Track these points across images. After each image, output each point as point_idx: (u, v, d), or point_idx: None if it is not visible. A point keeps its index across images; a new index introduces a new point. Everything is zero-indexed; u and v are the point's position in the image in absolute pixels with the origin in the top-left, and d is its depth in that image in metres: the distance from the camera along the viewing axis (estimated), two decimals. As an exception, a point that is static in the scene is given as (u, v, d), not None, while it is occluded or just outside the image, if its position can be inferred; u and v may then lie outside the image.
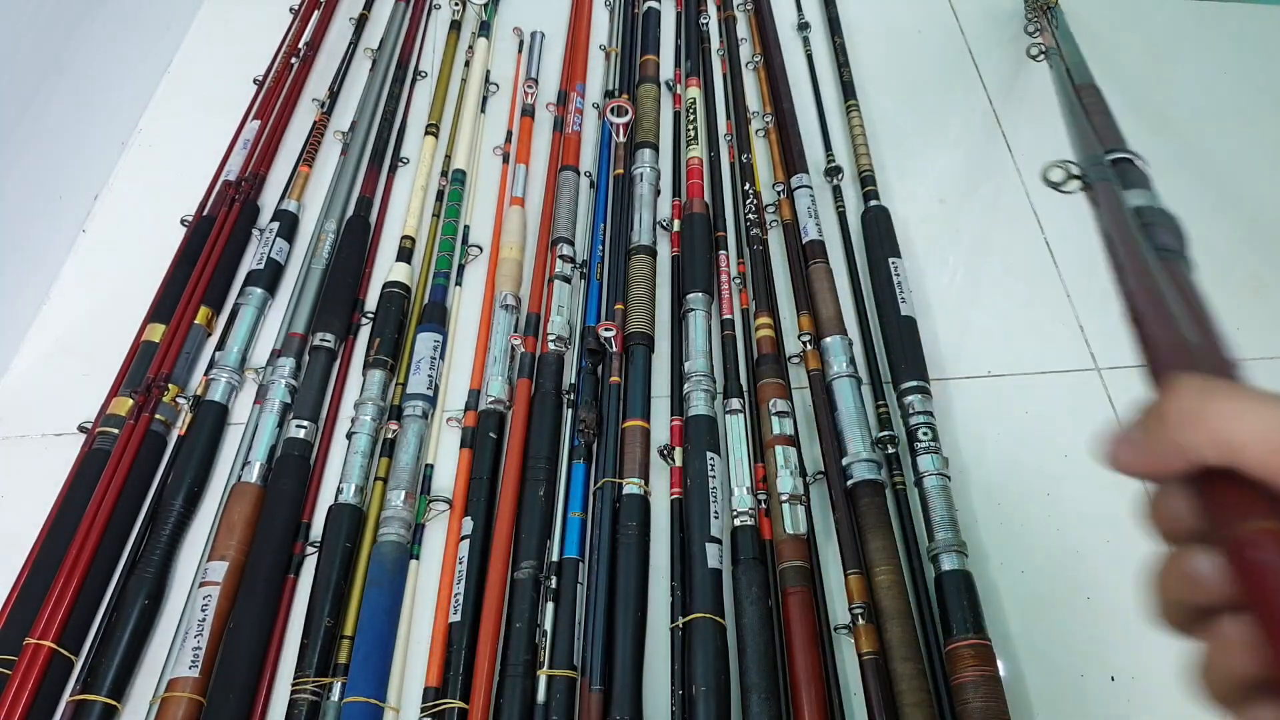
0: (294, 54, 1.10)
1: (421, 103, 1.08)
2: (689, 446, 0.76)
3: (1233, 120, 1.12)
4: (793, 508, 0.71)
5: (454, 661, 0.65)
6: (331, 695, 0.64)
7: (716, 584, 0.68)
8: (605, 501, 0.73)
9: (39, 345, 0.86)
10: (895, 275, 0.89)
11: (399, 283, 0.87)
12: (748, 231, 0.93)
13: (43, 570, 0.67)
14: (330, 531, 0.71)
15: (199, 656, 0.63)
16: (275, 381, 0.80)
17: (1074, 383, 0.87)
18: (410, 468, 0.75)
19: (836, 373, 0.81)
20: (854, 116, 1.05)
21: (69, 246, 0.93)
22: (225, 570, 0.68)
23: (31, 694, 0.62)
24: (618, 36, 1.15)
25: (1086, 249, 0.97)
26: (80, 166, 0.96)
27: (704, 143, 1.02)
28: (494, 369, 0.81)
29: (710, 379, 0.80)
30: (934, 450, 0.76)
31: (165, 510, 0.72)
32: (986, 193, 1.02)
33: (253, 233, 0.94)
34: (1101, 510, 0.78)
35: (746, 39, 1.15)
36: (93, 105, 0.97)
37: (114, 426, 0.76)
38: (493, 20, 1.16)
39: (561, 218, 0.92)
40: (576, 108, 1.05)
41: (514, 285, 0.87)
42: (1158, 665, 0.69)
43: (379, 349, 0.82)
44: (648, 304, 0.86)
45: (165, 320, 0.84)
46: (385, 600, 0.68)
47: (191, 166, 0.99)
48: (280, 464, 0.75)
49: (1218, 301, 0.33)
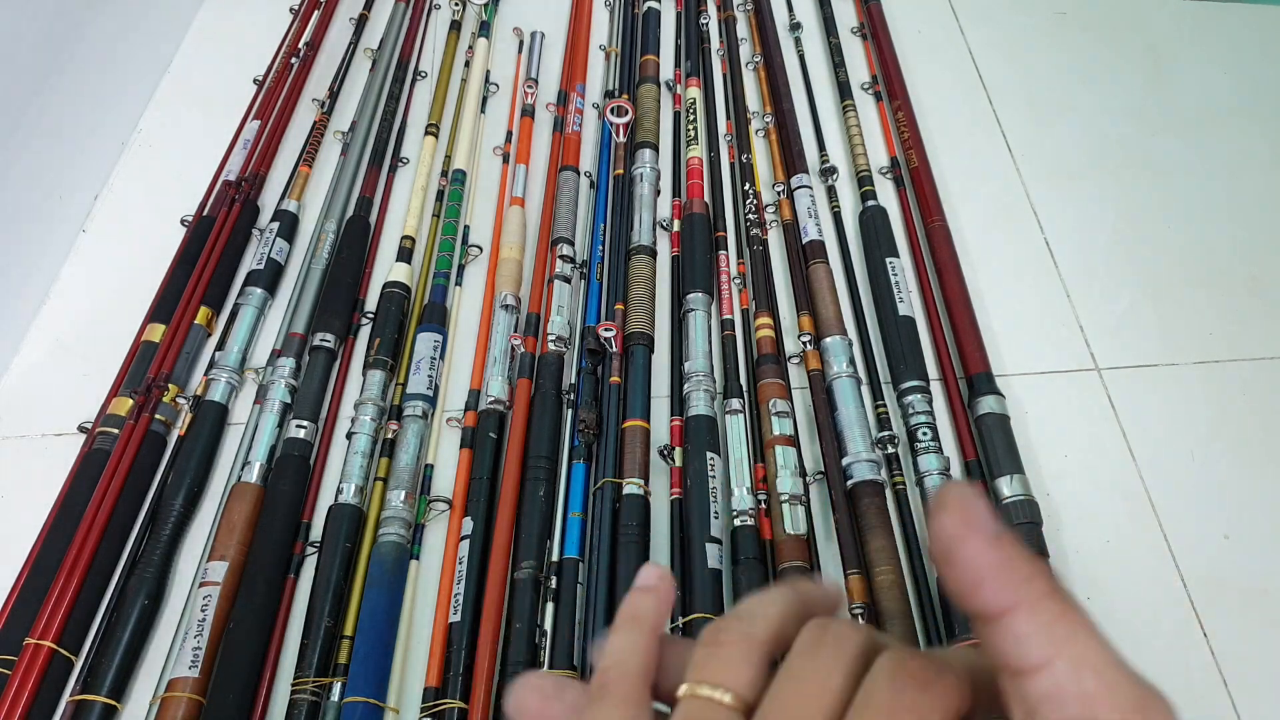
0: (294, 54, 1.10)
1: (421, 103, 1.08)
2: (689, 446, 0.76)
3: (1233, 120, 1.12)
4: (793, 508, 0.71)
5: (454, 661, 0.65)
6: (331, 695, 0.64)
7: (716, 584, 0.68)
8: (605, 501, 0.73)
9: (39, 345, 0.86)
10: (894, 275, 0.89)
11: (399, 283, 0.87)
12: (748, 231, 0.93)
13: (43, 570, 0.67)
14: (330, 531, 0.71)
15: (199, 656, 0.63)
16: (275, 381, 0.80)
17: (1074, 383, 0.87)
18: (410, 468, 0.75)
19: (836, 373, 0.81)
20: (850, 116, 1.05)
21: (69, 246, 0.93)
22: (225, 570, 0.68)
23: (31, 694, 0.62)
24: (618, 36, 1.15)
25: (1086, 249, 0.98)
26: (80, 166, 0.96)
27: (704, 143, 1.02)
28: (494, 369, 0.81)
29: (710, 379, 0.80)
30: (934, 450, 0.76)
31: (165, 510, 0.72)
32: (987, 193, 1.02)
33: (253, 233, 0.94)
34: (1101, 510, 0.79)
35: (746, 39, 1.15)
36: (93, 105, 0.97)
37: (114, 426, 0.76)
38: (493, 20, 1.16)
39: (561, 218, 0.92)
40: (576, 108, 1.05)
41: (514, 285, 0.87)
42: (1158, 665, 0.69)
43: (379, 349, 0.82)
44: (648, 304, 0.86)
45: (165, 320, 0.84)
46: (385, 600, 0.68)
47: (191, 166, 0.99)
48: (280, 464, 0.75)
49: (1218, 301, 0.33)
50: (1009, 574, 0.17)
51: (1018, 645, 0.17)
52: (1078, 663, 0.16)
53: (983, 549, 0.17)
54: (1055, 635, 0.17)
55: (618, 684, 0.21)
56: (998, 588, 0.17)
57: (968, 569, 0.17)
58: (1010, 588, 0.17)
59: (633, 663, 0.21)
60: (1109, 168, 1.06)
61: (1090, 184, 1.04)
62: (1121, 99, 1.14)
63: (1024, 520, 0.72)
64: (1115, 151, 1.08)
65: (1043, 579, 0.17)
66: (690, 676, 0.20)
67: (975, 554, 0.17)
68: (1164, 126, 1.11)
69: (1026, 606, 0.17)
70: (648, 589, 0.23)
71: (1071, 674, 0.16)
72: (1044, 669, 0.16)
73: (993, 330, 0.89)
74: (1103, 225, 1.00)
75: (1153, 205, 1.02)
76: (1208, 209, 1.02)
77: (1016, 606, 0.17)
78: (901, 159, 1.02)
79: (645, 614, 0.22)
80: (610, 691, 0.21)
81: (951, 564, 0.18)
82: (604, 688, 0.21)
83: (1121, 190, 1.04)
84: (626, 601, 0.23)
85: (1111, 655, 0.17)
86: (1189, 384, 0.87)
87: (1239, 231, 1.00)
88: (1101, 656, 0.16)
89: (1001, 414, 0.80)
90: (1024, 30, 1.21)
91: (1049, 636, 0.17)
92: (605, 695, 0.21)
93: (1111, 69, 1.18)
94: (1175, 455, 0.82)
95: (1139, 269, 0.96)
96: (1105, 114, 1.12)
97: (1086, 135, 1.09)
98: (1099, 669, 0.16)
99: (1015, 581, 0.17)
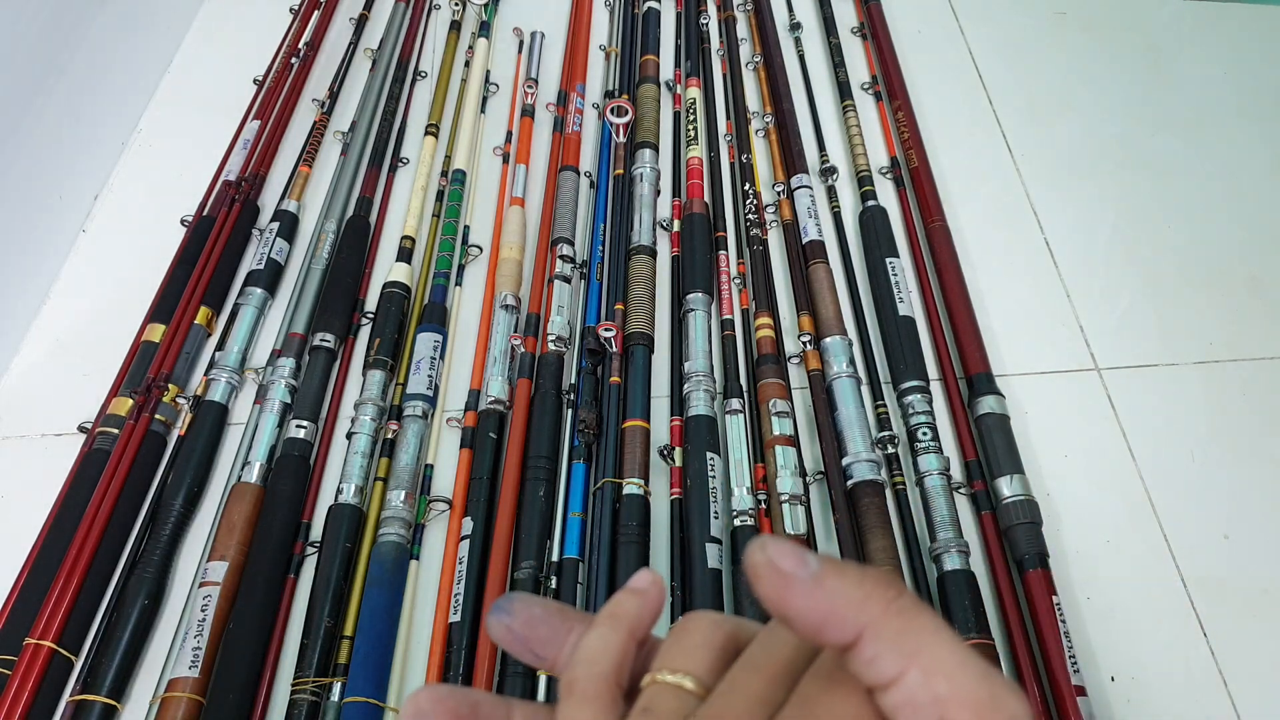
0: (294, 54, 1.10)
1: (421, 103, 1.08)
2: (689, 446, 0.76)
3: (1233, 120, 1.12)
4: (793, 508, 0.71)
5: (454, 661, 0.65)
6: (331, 695, 0.64)
7: (716, 584, 0.68)
8: (605, 501, 0.73)
9: (39, 345, 0.86)
10: (894, 275, 0.89)
11: (399, 283, 0.87)
12: (748, 231, 0.93)
13: (43, 570, 0.67)
14: (330, 531, 0.71)
15: (199, 656, 0.63)
16: (275, 381, 0.80)
17: (1074, 383, 0.87)
18: (410, 468, 0.75)
19: (836, 373, 0.81)
20: (850, 116, 1.05)
21: (69, 246, 0.93)
22: (225, 570, 0.68)
23: (31, 694, 0.62)
24: (618, 37, 1.15)
25: (1086, 249, 0.98)
26: (80, 166, 0.96)
27: (704, 143, 1.02)
28: (494, 369, 0.81)
29: (710, 379, 0.80)
30: (934, 450, 0.76)
31: (165, 510, 0.72)
32: (987, 193, 1.02)
33: (253, 233, 0.94)
34: (1101, 510, 0.79)
35: (746, 39, 1.15)
36: (93, 105, 0.97)
37: (114, 426, 0.76)
38: (493, 20, 1.16)
39: (561, 218, 0.92)
40: (576, 108, 1.05)
41: (514, 285, 0.87)
42: (1158, 665, 0.69)
43: (379, 349, 0.82)
44: (648, 304, 0.86)
45: (165, 320, 0.84)
46: (385, 600, 0.68)
47: (191, 166, 0.99)
48: (280, 464, 0.75)
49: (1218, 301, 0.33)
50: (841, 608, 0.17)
51: (870, 667, 0.17)
52: (928, 670, 0.17)
53: (805, 596, 0.18)
54: (903, 649, 0.17)
55: (585, 683, 0.21)
56: (836, 625, 0.17)
57: (802, 622, 0.18)
58: (847, 619, 0.17)
59: (604, 663, 0.21)
60: (1109, 168, 1.06)
61: (1090, 184, 1.04)
62: (1121, 99, 1.14)
63: (1024, 520, 0.72)
64: (1115, 151, 1.08)
65: (878, 598, 0.17)
66: (654, 665, 0.21)
67: (801, 605, 0.18)
68: (1164, 126, 1.11)
69: (870, 630, 0.17)
70: (635, 591, 0.23)
71: (923, 682, 0.17)
72: (898, 681, 0.17)
73: (993, 330, 0.89)
74: (1103, 225, 1.00)
75: (1153, 205, 1.02)
76: (1208, 209, 1.02)
77: (861, 632, 0.17)
78: (901, 159, 1.02)
79: (626, 614, 0.22)
80: (576, 691, 0.21)
81: (789, 622, 0.18)
82: (572, 685, 0.21)
83: (1121, 190, 1.04)
84: (612, 599, 0.23)
85: (961, 657, 0.17)
86: (1189, 384, 0.87)
87: (1239, 231, 1.00)
88: (951, 659, 0.17)
89: (1001, 414, 0.80)
90: (1024, 30, 1.21)
91: (898, 651, 0.17)
92: (572, 694, 0.21)
93: (1111, 69, 1.18)
94: (1175, 455, 0.82)
95: (1139, 269, 0.96)
96: (1105, 114, 1.12)
97: (1086, 135, 1.09)
98: (949, 672, 0.17)
99: (850, 612, 0.17)
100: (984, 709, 0.16)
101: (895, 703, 0.17)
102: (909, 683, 0.17)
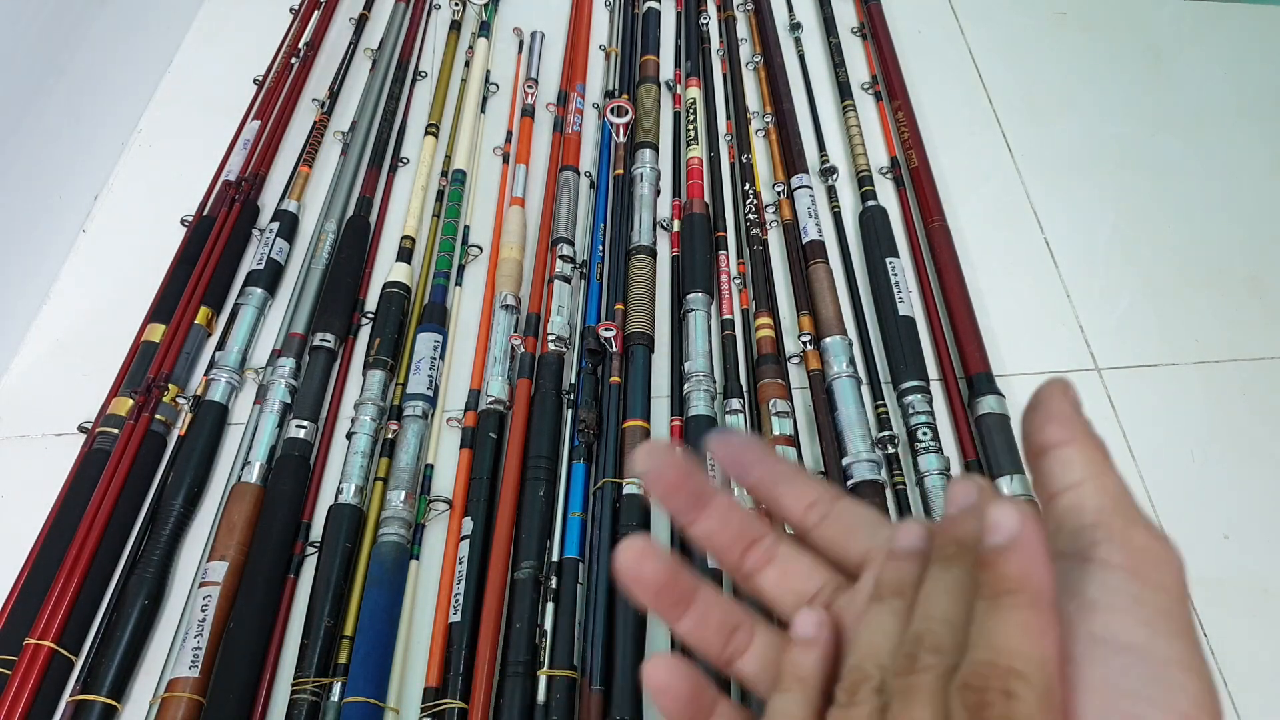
0: (294, 54, 1.10)
1: (421, 103, 1.08)
2: (689, 446, 0.76)
3: (1233, 120, 1.12)
4: (793, 508, 0.71)
5: (454, 661, 0.65)
6: (331, 695, 0.64)
7: (717, 584, 0.68)
8: (605, 501, 0.73)
9: (39, 345, 0.86)
10: (894, 275, 0.89)
11: (399, 283, 0.87)
12: (748, 231, 0.93)
13: (43, 570, 0.67)
14: (330, 531, 0.71)
15: (199, 656, 0.63)
16: (275, 381, 0.80)
17: (1074, 383, 0.87)
18: (410, 468, 0.75)
19: (836, 373, 0.81)
20: (850, 116, 1.05)
21: (69, 246, 0.93)
22: (225, 570, 0.68)
23: (31, 694, 0.62)
24: (618, 37, 1.15)
25: (1086, 249, 0.98)
26: (80, 166, 0.96)
27: (704, 143, 1.02)
28: (494, 369, 0.81)
29: (710, 379, 0.80)
30: (934, 450, 0.76)
31: (165, 510, 0.72)
32: (987, 193, 1.02)
33: (253, 233, 0.94)
34: (1101, 510, 0.79)
35: (746, 39, 1.15)
36: (93, 105, 0.97)
37: (114, 426, 0.76)
38: (493, 20, 1.16)
39: (561, 218, 0.92)
40: (576, 108, 1.05)
41: (514, 285, 0.87)
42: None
43: (379, 349, 0.82)
44: (648, 304, 0.86)
45: (165, 320, 0.84)
46: (385, 600, 0.68)
47: (191, 166, 0.99)
48: (280, 464, 0.75)
49: (1218, 301, 0.33)
50: (1073, 422, 0.22)
51: (1064, 467, 0.22)
52: (1100, 489, 0.21)
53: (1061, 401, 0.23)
54: (1091, 466, 0.22)
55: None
56: (1062, 426, 0.22)
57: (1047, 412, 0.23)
58: (1069, 430, 0.22)
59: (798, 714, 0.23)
60: (1109, 168, 1.06)
61: (1090, 184, 1.04)
62: (1121, 99, 1.14)
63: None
64: (1115, 151, 1.08)
65: (1095, 435, 0.22)
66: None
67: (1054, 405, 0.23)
68: (1164, 126, 1.11)
69: (1079, 442, 0.22)
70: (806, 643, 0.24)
71: (1095, 493, 0.21)
72: (1077, 487, 0.21)
73: (993, 330, 0.89)
74: (1103, 225, 1.00)
75: (1152, 205, 1.02)
76: (1208, 209, 1.02)
77: (1071, 440, 0.22)
78: (901, 159, 1.02)
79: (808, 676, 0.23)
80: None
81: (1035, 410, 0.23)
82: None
83: (1121, 190, 1.04)
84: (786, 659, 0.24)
85: (1125, 491, 0.21)
86: (1189, 384, 0.87)
87: (1239, 231, 1.00)
88: (1119, 488, 0.21)
89: (1002, 414, 0.80)
90: (1024, 30, 1.21)
91: (1087, 465, 0.22)
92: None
93: (1111, 69, 1.18)
94: (1175, 455, 0.82)
95: (1139, 269, 0.96)
96: (1105, 114, 1.12)
97: (1086, 135, 1.09)
98: (1115, 496, 0.21)
99: (1074, 428, 0.22)
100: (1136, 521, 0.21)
101: (1068, 504, 0.21)
102: (1085, 490, 0.21)
